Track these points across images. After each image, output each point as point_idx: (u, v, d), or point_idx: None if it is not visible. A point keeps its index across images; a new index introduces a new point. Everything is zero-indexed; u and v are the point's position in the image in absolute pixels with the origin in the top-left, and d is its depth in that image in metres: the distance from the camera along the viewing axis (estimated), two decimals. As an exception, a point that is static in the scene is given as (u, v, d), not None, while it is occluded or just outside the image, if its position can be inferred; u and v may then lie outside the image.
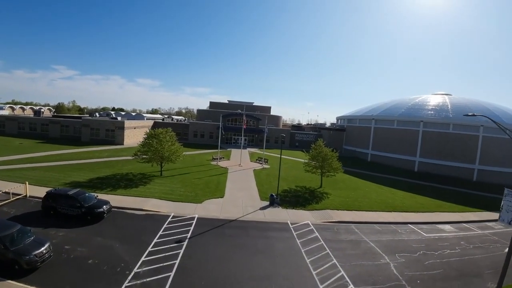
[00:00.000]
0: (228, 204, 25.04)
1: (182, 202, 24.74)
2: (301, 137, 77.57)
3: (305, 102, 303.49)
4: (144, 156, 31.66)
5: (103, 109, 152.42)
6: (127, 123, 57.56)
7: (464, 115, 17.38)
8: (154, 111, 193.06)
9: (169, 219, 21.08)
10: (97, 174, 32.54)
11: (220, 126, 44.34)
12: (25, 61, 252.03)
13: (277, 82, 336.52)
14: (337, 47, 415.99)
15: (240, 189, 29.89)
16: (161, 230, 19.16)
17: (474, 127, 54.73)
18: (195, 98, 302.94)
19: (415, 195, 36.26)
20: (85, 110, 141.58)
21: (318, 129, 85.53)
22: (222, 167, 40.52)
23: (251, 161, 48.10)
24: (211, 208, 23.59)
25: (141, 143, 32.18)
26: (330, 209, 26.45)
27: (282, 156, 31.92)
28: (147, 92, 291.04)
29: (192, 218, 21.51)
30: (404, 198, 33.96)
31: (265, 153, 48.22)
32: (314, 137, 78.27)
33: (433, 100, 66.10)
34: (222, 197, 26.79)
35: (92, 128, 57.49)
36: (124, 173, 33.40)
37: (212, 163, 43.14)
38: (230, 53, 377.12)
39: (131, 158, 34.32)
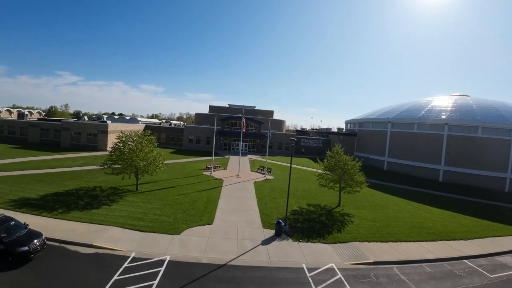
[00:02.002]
0: (218, 235, 17.91)
1: (153, 232, 17.67)
2: (307, 143, 70.45)
3: (307, 108, 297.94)
4: (115, 166, 24.78)
5: (105, 114, 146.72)
6: (112, 126, 50.81)
7: None
8: (154, 117, 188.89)
9: (126, 264, 14.03)
10: (57, 188, 25.84)
11: (215, 129, 37.50)
12: (30, 66, 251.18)
13: (279, 88, 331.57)
14: (338, 53, 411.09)
15: (235, 210, 22.76)
16: (108, 286, 12.16)
17: (506, 131, 47.76)
18: (197, 104, 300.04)
19: (454, 213, 29.31)
20: (81, 114, 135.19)
21: (325, 134, 78.38)
22: (216, 179, 33.46)
23: (251, 171, 40.99)
24: (192, 244, 16.47)
25: (111, 150, 25.40)
26: (359, 241, 19.28)
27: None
28: (150, 98, 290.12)
29: (161, 262, 14.42)
30: (443, 219, 26.92)
31: (268, 161, 41.02)
32: (322, 143, 71.38)
33: (454, 101, 59.24)
34: (210, 223, 19.63)
35: (73, 132, 50.86)
36: (91, 187, 26.60)
37: (204, 173, 36.09)
38: (232, 59, 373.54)
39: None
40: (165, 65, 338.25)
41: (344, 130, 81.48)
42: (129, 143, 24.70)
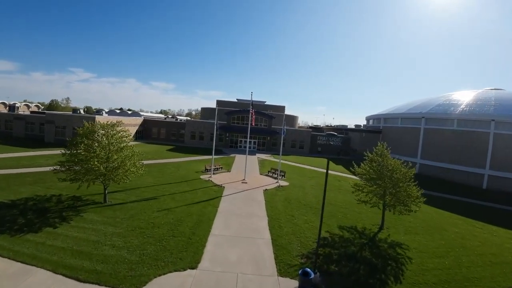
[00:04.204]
0: (204, 291, 10.78)
1: (97, 284, 10.70)
2: (324, 141, 62.70)
3: (317, 106, 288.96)
4: (75, 168, 17.95)
5: (115, 109, 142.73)
6: (101, 119, 44.40)
7: None
8: (163, 112, 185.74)
9: None
10: (5, 195, 19.67)
11: (216, 123, 30.45)
12: (43, 63, 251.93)
13: (288, 86, 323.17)
14: (349, 51, 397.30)
15: (237, 239, 15.42)
16: None
17: None
18: (208, 101, 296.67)
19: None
20: (85, 109, 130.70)
21: (344, 131, 70.33)
22: (216, 185, 26.18)
23: (261, 174, 33.62)
24: (154, 315, 9.43)
25: (66, 148, 18.66)
26: (434, 301, 11.89)
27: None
28: (161, 95, 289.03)
29: None
30: (517, 245, 19.45)
31: (281, 161, 33.51)
32: (341, 141, 63.54)
33: (494, 95, 50.67)
34: (194, 266, 12.34)
35: (57, 126, 44.74)
36: (47, 196, 20.05)
37: (202, 177, 28.89)
38: (242, 57, 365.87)
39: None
40: (176, 62, 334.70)
41: (363, 127, 73.22)
42: (92, 137, 17.88)
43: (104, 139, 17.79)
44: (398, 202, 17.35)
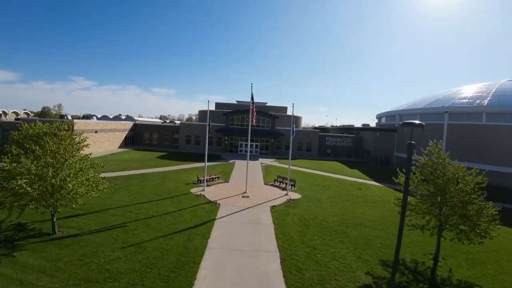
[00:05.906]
0: None
1: None
2: (333, 142, 57.21)
3: (318, 106, 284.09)
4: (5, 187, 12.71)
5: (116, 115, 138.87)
6: (80, 125, 39.31)
7: None
8: (163, 118, 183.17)
9: None
10: None
11: (208, 124, 25.29)
12: (45, 72, 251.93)
13: (288, 87, 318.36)
14: (350, 49, 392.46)
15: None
16: None
17: None
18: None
19: None
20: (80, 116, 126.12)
21: (355, 131, 64.93)
22: (209, 202, 20.52)
23: (266, 184, 28.22)
24: None
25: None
26: None
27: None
28: (162, 101, 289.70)
29: None
30: None
31: (289, 167, 27.85)
32: (352, 142, 58.18)
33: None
34: None
35: (34, 133, 39.73)
36: (-19, 226, 14.83)
37: (193, 190, 23.48)
38: (240, 59, 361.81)
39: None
40: (176, 68, 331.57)
41: (376, 126, 67.81)
42: (27, 145, 12.65)
43: (38, 147, 12.46)
44: (472, 226, 11.84)
